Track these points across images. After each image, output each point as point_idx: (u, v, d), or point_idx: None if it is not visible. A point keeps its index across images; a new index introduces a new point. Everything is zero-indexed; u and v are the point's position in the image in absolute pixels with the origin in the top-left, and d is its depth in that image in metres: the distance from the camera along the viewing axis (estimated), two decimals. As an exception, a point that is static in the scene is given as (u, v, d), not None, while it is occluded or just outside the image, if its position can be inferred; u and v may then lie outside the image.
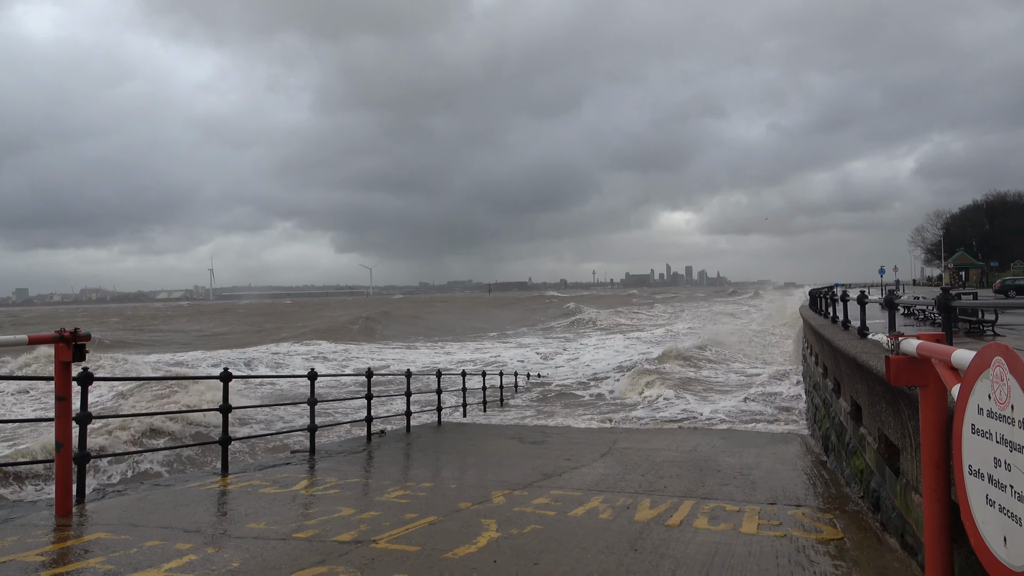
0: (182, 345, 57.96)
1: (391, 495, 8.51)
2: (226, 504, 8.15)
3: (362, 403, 19.04)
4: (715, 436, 14.71)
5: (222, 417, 10.15)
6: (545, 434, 15.13)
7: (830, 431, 11.38)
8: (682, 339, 47.53)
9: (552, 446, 13.31)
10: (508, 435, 14.87)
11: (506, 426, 17.14)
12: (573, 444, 13.62)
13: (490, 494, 8.57)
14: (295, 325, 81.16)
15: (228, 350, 51.28)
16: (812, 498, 8.56)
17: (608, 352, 44.24)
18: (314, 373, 12.13)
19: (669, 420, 19.07)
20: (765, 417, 18.59)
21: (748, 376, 29.61)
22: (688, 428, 16.83)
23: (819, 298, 20.43)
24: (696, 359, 35.66)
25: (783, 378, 26.43)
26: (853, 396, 9.02)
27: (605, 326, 75.65)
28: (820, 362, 14.26)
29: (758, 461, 11.25)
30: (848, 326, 11.89)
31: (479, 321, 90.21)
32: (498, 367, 35.98)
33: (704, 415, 20.05)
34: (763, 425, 16.78)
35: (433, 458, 12.05)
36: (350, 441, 13.73)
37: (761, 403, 21.50)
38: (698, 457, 11.71)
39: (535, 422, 18.28)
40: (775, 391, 23.96)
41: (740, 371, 31.85)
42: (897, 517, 6.23)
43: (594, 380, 31.43)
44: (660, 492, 8.76)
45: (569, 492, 8.72)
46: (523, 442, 13.64)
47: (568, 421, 18.99)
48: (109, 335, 67.43)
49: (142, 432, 19.00)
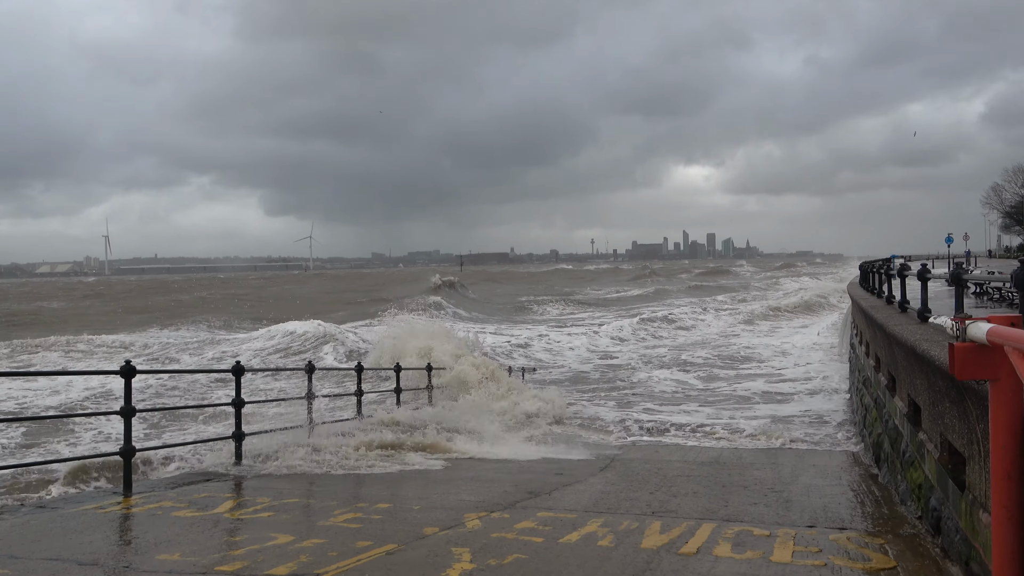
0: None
1: (339, 518, 8.57)
2: (130, 530, 8.15)
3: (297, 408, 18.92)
4: (742, 444, 14.91)
5: (124, 422, 10.11)
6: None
7: (882, 437, 11.58)
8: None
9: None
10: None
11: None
12: (567, 455, 13.75)
13: (463, 517, 8.65)
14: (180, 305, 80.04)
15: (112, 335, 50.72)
16: (859, 519, 8.75)
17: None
18: (240, 367, 12.12)
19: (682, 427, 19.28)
20: (808, 418, 18.85)
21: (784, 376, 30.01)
22: (708, 434, 17.02)
23: (871, 274, 20.67)
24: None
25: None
26: (911, 394, 9.12)
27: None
28: (871, 352, 14.46)
29: (794, 475, 11.45)
30: (906, 308, 12.04)
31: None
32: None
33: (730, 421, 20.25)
34: (801, 430, 17.00)
35: (391, 472, 12.11)
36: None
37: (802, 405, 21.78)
38: (720, 470, 11.88)
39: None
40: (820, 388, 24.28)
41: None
42: (961, 541, 6.34)
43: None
44: (673, 513, 8.90)
45: (560, 514, 8.83)
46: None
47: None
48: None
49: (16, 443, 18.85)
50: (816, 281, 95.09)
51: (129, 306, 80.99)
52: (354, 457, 12.49)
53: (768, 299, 70.55)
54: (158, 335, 50.33)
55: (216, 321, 58.43)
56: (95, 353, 40.89)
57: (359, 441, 13.15)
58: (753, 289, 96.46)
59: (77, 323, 58.43)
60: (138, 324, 57.68)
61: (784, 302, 63.51)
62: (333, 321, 48.05)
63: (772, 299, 69.88)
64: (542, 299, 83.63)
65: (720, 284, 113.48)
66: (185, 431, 18.83)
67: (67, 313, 73.77)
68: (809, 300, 62.79)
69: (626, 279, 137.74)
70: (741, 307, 63.54)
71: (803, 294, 68.43)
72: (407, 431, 14.41)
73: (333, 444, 12.86)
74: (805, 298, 63.96)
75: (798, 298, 64.86)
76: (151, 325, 56.58)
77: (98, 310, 78.26)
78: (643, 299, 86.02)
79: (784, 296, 72.62)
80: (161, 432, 19.07)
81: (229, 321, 58.36)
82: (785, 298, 68.19)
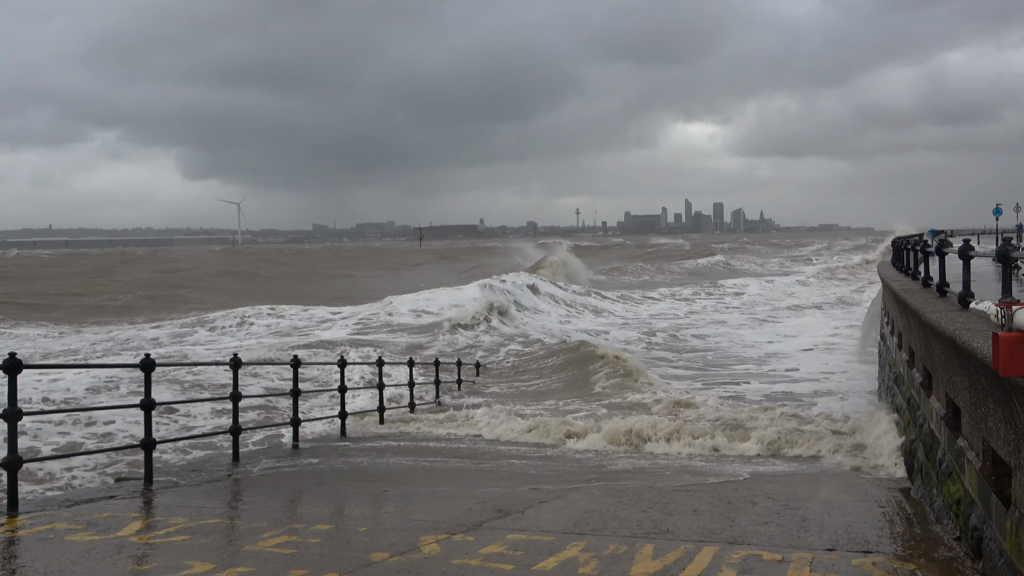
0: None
1: (269, 542, 8.53)
2: (15, 558, 8.05)
3: (220, 409, 18.86)
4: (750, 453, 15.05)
5: (8, 427, 9.97)
6: (503, 453, 15.35)
7: (916, 444, 11.68)
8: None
9: (512, 468, 13.45)
10: (446, 452, 14.98)
11: (442, 437, 17.26)
12: (544, 466, 13.80)
13: (417, 540, 8.63)
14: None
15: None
16: (887, 541, 8.85)
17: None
18: (150, 361, 11.97)
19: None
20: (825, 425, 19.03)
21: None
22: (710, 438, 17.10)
23: (904, 251, 20.86)
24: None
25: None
26: (949, 393, 9.15)
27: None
28: (904, 343, 14.62)
29: (813, 489, 11.54)
30: (945, 291, 12.13)
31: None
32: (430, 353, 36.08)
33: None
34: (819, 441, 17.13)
35: (333, 487, 12.03)
36: (208, 462, 13.68)
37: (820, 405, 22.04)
38: (725, 484, 11.95)
39: (489, 433, 18.40)
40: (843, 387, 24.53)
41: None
42: (1006, 566, 6.40)
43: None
44: (668, 535, 8.94)
45: (535, 536, 8.84)
46: (469, 462, 13.77)
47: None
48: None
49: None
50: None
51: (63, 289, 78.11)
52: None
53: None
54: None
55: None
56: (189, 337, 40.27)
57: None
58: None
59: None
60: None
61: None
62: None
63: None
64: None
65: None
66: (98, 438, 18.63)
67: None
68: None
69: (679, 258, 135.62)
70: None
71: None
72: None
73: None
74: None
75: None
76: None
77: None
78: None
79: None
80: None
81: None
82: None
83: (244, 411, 21.30)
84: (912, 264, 18.44)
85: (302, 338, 39.95)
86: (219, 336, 43.39)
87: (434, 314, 46.19)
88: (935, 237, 20.78)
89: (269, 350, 34.36)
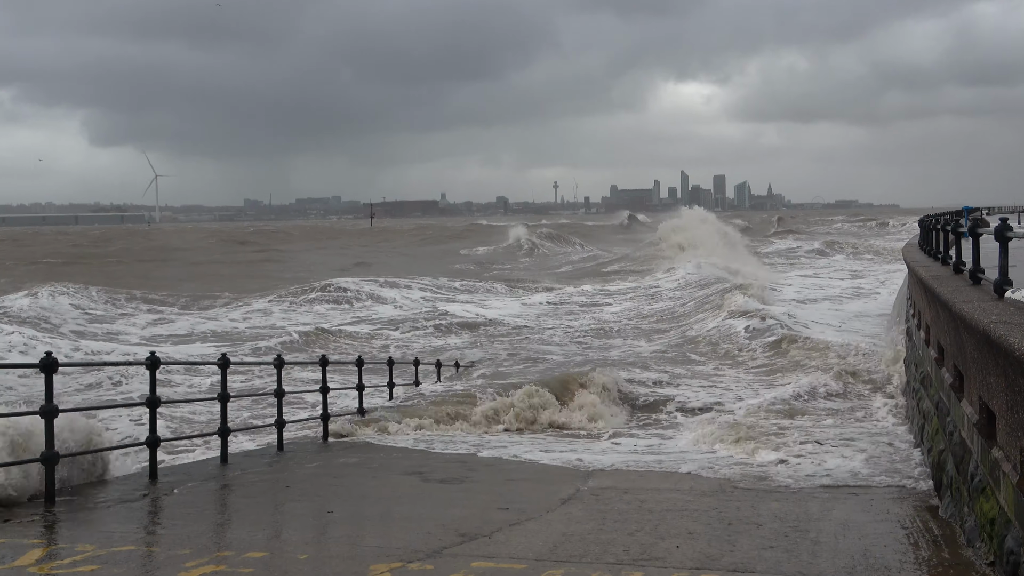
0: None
1: (192, 573, 8.48)
2: None
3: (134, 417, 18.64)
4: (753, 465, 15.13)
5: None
6: (468, 466, 15.32)
7: (945, 455, 11.71)
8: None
9: (479, 486, 13.46)
10: (401, 467, 15.00)
11: (396, 449, 17.19)
12: (515, 482, 13.83)
13: (367, 570, 8.62)
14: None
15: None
16: (911, 567, 8.90)
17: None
18: (51, 360, 11.78)
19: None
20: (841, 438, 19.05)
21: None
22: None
23: (933, 232, 20.95)
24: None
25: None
26: (983, 396, 9.16)
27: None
28: (932, 339, 14.71)
29: (825, 508, 11.56)
30: (980, 278, 12.15)
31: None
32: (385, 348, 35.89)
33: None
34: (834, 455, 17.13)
35: (269, 507, 12.02)
36: (121, 480, 13.56)
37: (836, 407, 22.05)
38: (725, 501, 11.96)
39: (449, 448, 18.24)
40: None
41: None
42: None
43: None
44: (659, 561, 8.96)
45: (505, 564, 8.85)
46: (428, 479, 13.80)
47: (510, 448, 19.02)
48: None
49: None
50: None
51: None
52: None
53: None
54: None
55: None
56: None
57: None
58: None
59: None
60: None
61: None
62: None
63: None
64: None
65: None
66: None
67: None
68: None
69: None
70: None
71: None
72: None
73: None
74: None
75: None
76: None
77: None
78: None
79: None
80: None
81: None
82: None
83: (168, 418, 21.25)
84: (943, 247, 18.54)
85: (238, 344, 39.63)
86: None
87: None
88: (969, 216, 20.92)
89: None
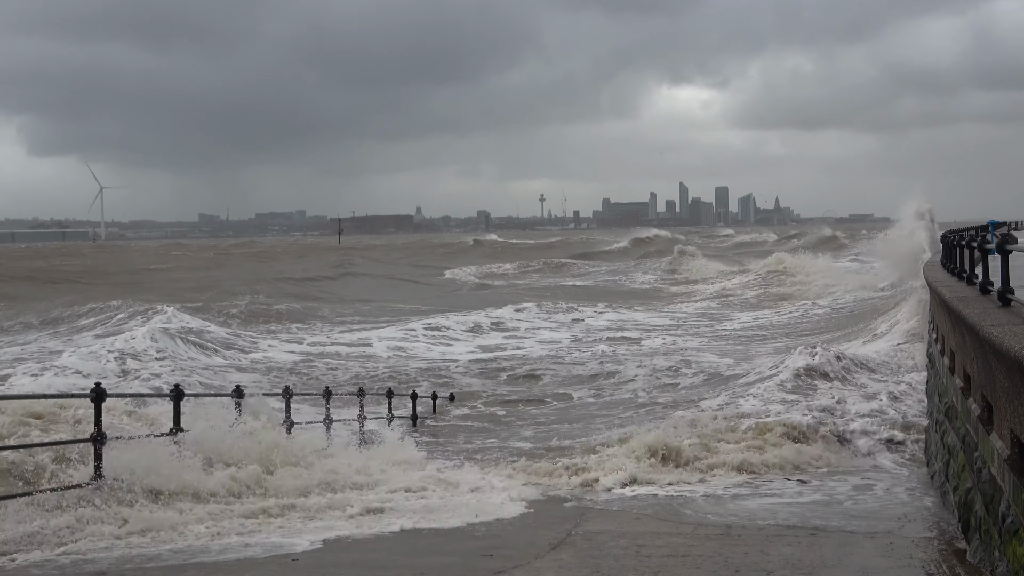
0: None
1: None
2: None
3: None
4: (762, 503, 14.78)
5: None
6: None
7: (973, 494, 11.41)
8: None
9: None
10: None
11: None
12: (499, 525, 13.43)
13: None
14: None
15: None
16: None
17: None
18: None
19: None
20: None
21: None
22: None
23: (956, 248, 20.90)
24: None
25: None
26: (1014, 429, 8.91)
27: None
28: (957, 366, 14.40)
29: (841, 553, 11.38)
30: (1009, 299, 11.94)
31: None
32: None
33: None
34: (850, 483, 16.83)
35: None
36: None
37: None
38: (732, 546, 11.74)
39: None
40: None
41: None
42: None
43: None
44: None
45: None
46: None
47: (490, 478, 18.81)
48: None
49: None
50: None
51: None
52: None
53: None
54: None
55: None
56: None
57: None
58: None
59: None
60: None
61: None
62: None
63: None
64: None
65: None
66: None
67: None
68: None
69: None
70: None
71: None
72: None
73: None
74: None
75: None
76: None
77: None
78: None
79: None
80: None
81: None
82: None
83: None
84: (968, 265, 18.41)
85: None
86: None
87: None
88: (995, 230, 20.61)
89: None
